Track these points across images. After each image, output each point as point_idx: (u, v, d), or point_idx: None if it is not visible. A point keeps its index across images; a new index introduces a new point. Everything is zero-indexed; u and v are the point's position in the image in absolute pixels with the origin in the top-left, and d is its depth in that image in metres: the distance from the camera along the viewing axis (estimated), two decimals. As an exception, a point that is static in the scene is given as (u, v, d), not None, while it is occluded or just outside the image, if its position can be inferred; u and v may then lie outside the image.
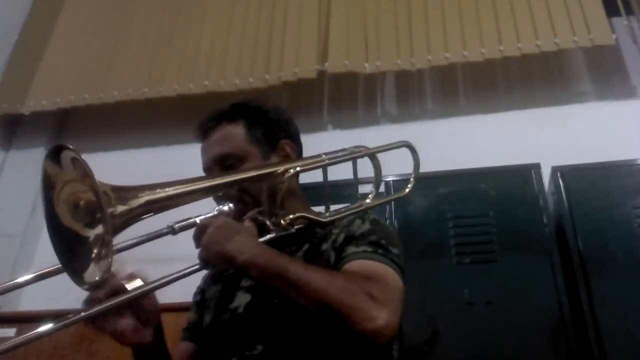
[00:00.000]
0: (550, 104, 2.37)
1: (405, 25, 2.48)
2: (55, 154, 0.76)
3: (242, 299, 0.96)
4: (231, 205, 0.92)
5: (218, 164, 1.03)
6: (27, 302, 2.34)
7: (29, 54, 2.96)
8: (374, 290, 0.78)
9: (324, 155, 1.02)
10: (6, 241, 2.53)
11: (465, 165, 1.94)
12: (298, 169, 0.97)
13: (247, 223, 0.90)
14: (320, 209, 1.05)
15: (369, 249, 0.90)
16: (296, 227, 0.94)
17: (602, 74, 2.42)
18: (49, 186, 0.79)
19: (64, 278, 0.83)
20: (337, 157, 1.03)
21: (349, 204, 1.05)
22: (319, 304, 0.77)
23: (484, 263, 1.69)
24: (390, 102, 2.63)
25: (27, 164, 2.78)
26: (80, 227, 0.79)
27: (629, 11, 2.41)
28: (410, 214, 1.81)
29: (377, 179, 1.10)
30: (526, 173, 1.81)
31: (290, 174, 0.96)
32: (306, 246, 0.98)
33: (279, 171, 0.96)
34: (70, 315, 0.75)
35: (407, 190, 1.16)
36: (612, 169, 1.77)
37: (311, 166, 1.00)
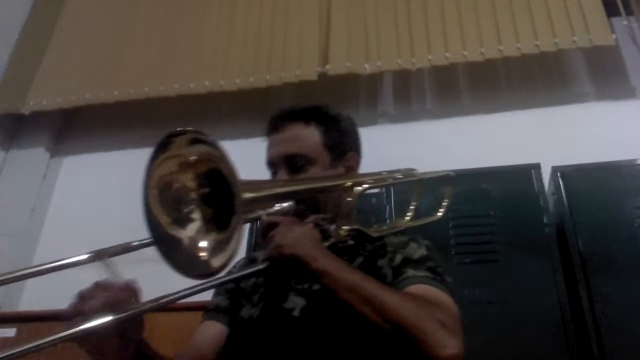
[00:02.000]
0: (550, 104, 2.37)
1: (406, 25, 2.48)
2: (193, 142, 0.76)
3: (296, 302, 0.95)
4: (291, 203, 0.92)
5: (286, 161, 1.04)
6: (27, 302, 2.34)
7: (30, 54, 2.96)
8: (444, 318, 0.82)
9: (385, 173, 1.10)
10: (6, 241, 2.53)
11: (466, 165, 1.94)
12: (366, 186, 1.01)
13: (310, 227, 0.91)
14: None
15: (429, 274, 0.92)
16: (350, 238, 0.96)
17: (602, 74, 2.42)
18: (161, 171, 0.79)
19: (64, 278, 0.82)
20: (396, 179, 1.15)
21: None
22: (393, 324, 0.79)
23: (484, 263, 1.69)
24: (391, 102, 2.63)
25: (27, 164, 2.78)
26: (199, 213, 0.79)
27: (629, 11, 2.41)
28: (411, 214, 1.81)
29: (417, 202, 1.19)
30: (526, 173, 1.81)
31: (360, 190, 0.98)
32: (360, 259, 0.99)
33: (348, 184, 1.00)
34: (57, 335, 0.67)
35: (439, 214, 1.27)
36: (613, 169, 1.77)
37: (377, 184, 1.05)
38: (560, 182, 1.75)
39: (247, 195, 0.76)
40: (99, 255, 0.77)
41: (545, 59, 2.41)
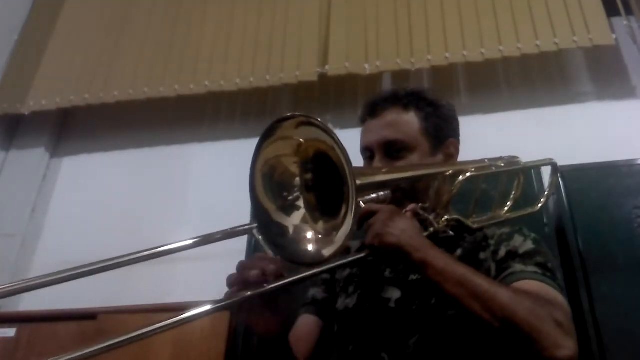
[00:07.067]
0: (550, 104, 2.37)
1: (405, 26, 2.48)
2: (302, 125, 0.74)
3: (391, 293, 0.93)
4: (387, 191, 0.89)
5: (383, 147, 1.00)
6: (27, 302, 2.34)
7: (30, 54, 2.95)
8: (560, 318, 0.76)
9: (487, 161, 1.06)
10: (6, 241, 2.53)
11: (465, 166, 1.94)
12: (468, 174, 0.96)
13: (409, 216, 0.88)
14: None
15: (539, 270, 0.87)
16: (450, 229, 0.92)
17: (602, 74, 2.42)
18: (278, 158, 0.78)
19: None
20: (499, 167, 1.06)
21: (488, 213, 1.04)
22: (506, 322, 0.74)
23: (484, 263, 1.69)
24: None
25: (27, 164, 2.78)
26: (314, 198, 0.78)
27: (629, 11, 2.41)
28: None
29: (518, 193, 1.13)
30: (526, 173, 1.81)
31: (464, 177, 0.94)
32: (459, 251, 0.95)
33: (449, 172, 0.96)
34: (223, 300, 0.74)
35: (539, 205, 1.20)
36: (613, 169, 1.77)
37: (479, 172, 0.99)
38: (560, 182, 1.75)
39: (359, 181, 0.72)
40: (205, 240, 0.76)
41: (546, 58, 2.41)
